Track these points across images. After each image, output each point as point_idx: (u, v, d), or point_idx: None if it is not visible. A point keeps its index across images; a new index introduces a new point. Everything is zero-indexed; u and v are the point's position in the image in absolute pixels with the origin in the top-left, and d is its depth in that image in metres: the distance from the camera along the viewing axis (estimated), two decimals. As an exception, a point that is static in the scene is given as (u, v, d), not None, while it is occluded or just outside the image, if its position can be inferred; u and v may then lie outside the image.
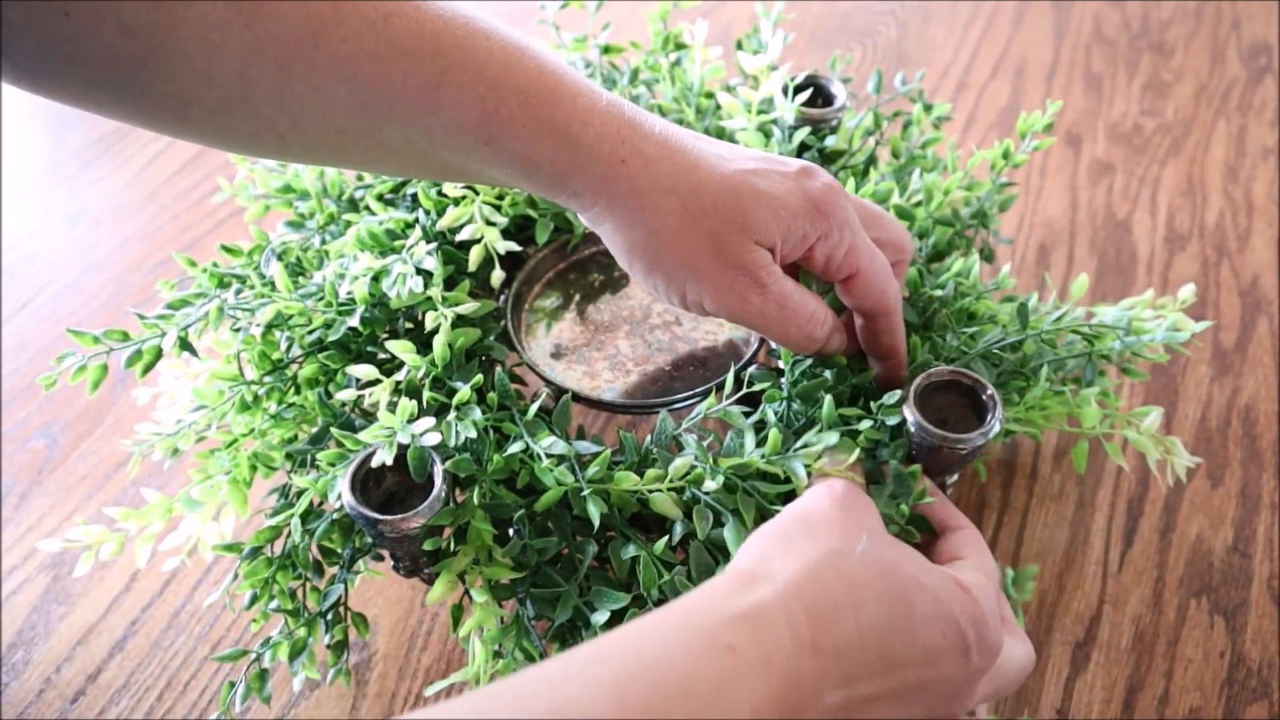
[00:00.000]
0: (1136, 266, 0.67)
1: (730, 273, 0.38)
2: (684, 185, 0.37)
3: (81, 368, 0.44)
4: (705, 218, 0.37)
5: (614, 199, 0.38)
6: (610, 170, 0.37)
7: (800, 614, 0.29)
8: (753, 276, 0.38)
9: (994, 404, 0.41)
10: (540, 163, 0.37)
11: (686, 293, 0.39)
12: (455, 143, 0.36)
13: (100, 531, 0.42)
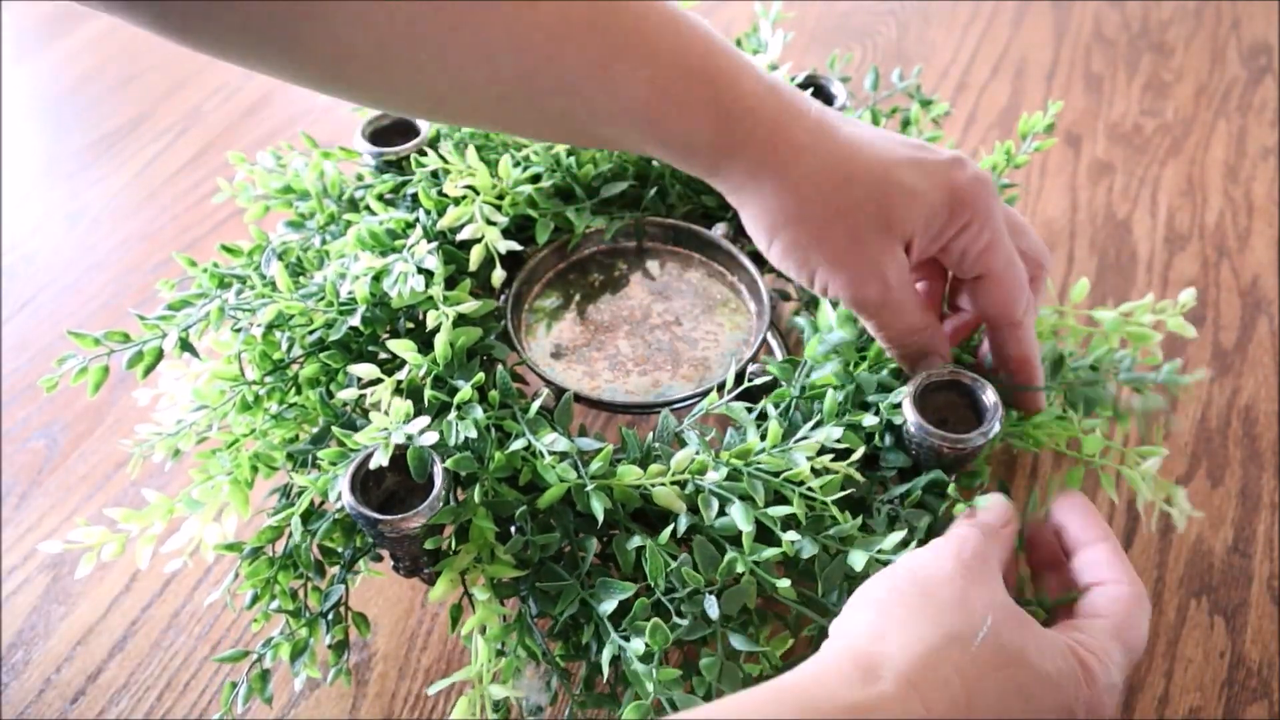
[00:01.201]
0: (1136, 267, 0.67)
1: (866, 266, 0.38)
2: (833, 178, 0.37)
3: (82, 369, 0.44)
4: (850, 212, 0.37)
5: (762, 183, 0.38)
6: (763, 156, 0.37)
7: (918, 709, 0.29)
8: (883, 274, 0.38)
9: (994, 404, 0.41)
10: (699, 145, 0.37)
11: (815, 276, 0.39)
12: (619, 120, 0.36)
13: (101, 533, 0.42)
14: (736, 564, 0.37)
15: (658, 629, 0.36)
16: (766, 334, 0.50)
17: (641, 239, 0.55)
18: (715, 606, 0.37)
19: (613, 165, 0.54)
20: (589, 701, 0.40)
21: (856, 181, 0.37)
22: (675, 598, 0.38)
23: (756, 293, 0.52)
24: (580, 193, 0.53)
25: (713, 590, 0.38)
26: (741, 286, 0.54)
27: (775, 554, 0.38)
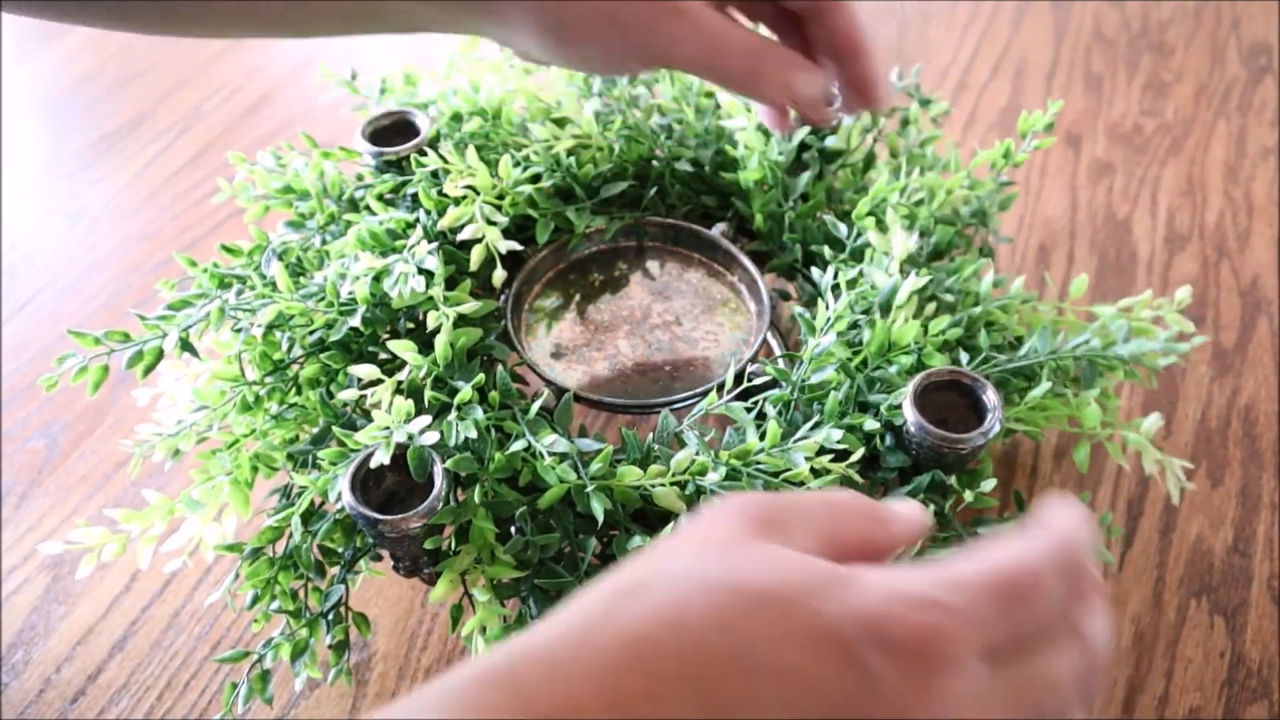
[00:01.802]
0: (1136, 266, 0.67)
1: (646, 11, 0.38)
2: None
3: (82, 369, 0.44)
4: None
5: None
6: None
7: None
8: (669, 7, 0.38)
9: (994, 404, 0.41)
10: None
11: (611, 51, 0.38)
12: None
13: (101, 533, 0.42)
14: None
15: None
16: (766, 334, 0.50)
17: (641, 239, 0.55)
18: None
19: (613, 165, 0.54)
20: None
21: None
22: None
23: (756, 293, 0.52)
24: (580, 193, 0.53)
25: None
26: (741, 286, 0.54)
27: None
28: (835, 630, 0.23)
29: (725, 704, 0.22)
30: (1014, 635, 0.24)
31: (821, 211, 0.54)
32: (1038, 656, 0.25)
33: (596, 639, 0.23)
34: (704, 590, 0.24)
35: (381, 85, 0.59)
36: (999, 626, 0.24)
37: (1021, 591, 0.24)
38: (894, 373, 0.44)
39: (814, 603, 0.23)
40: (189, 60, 0.88)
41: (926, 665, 0.23)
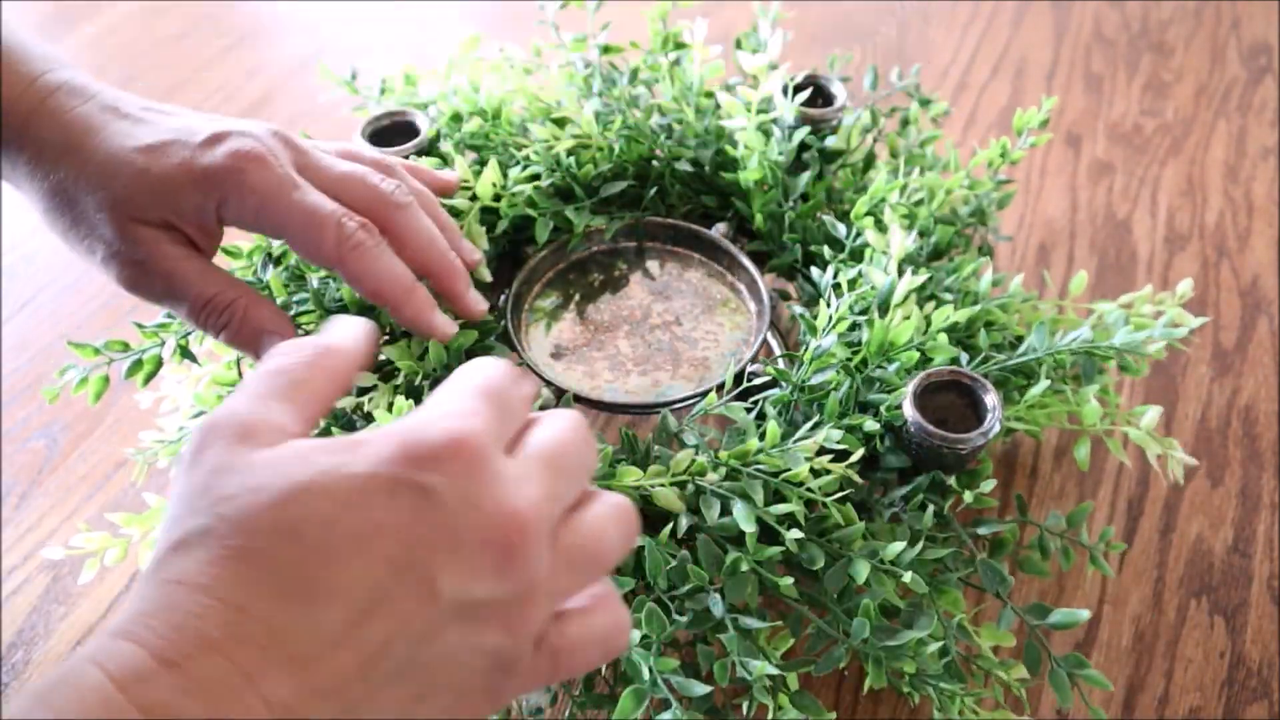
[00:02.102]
0: (1136, 266, 0.67)
1: (104, 248, 0.41)
2: (73, 166, 0.40)
3: (83, 380, 0.44)
4: (85, 197, 0.40)
5: (14, 167, 0.41)
6: (19, 120, 0.40)
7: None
8: (129, 255, 0.40)
9: (994, 404, 0.41)
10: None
11: (93, 262, 0.42)
12: None
13: (103, 538, 0.42)
14: (740, 563, 0.37)
15: (654, 616, 0.36)
16: (766, 334, 0.50)
17: (641, 239, 0.55)
18: (719, 604, 0.37)
19: (613, 165, 0.54)
20: (588, 702, 0.40)
21: (87, 174, 0.40)
22: (676, 595, 0.38)
23: (756, 293, 0.52)
24: (580, 193, 0.53)
25: (716, 589, 0.38)
26: (741, 286, 0.54)
27: (776, 552, 0.38)
28: (376, 476, 0.24)
29: (330, 588, 0.23)
30: (506, 424, 0.27)
31: (821, 211, 0.54)
32: (541, 434, 0.28)
33: (168, 599, 0.23)
34: (244, 516, 0.24)
35: (381, 85, 0.59)
36: (499, 419, 0.27)
37: (496, 389, 0.28)
38: (893, 372, 0.44)
39: (345, 469, 0.24)
40: (189, 61, 0.88)
41: (466, 458, 0.25)
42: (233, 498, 0.24)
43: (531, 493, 0.26)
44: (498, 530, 0.25)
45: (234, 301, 0.41)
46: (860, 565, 0.38)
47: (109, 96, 0.41)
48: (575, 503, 0.28)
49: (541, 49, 0.60)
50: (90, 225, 0.40)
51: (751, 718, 0.37)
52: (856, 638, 0.37)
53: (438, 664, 0.25)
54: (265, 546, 0.24)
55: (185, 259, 0.41)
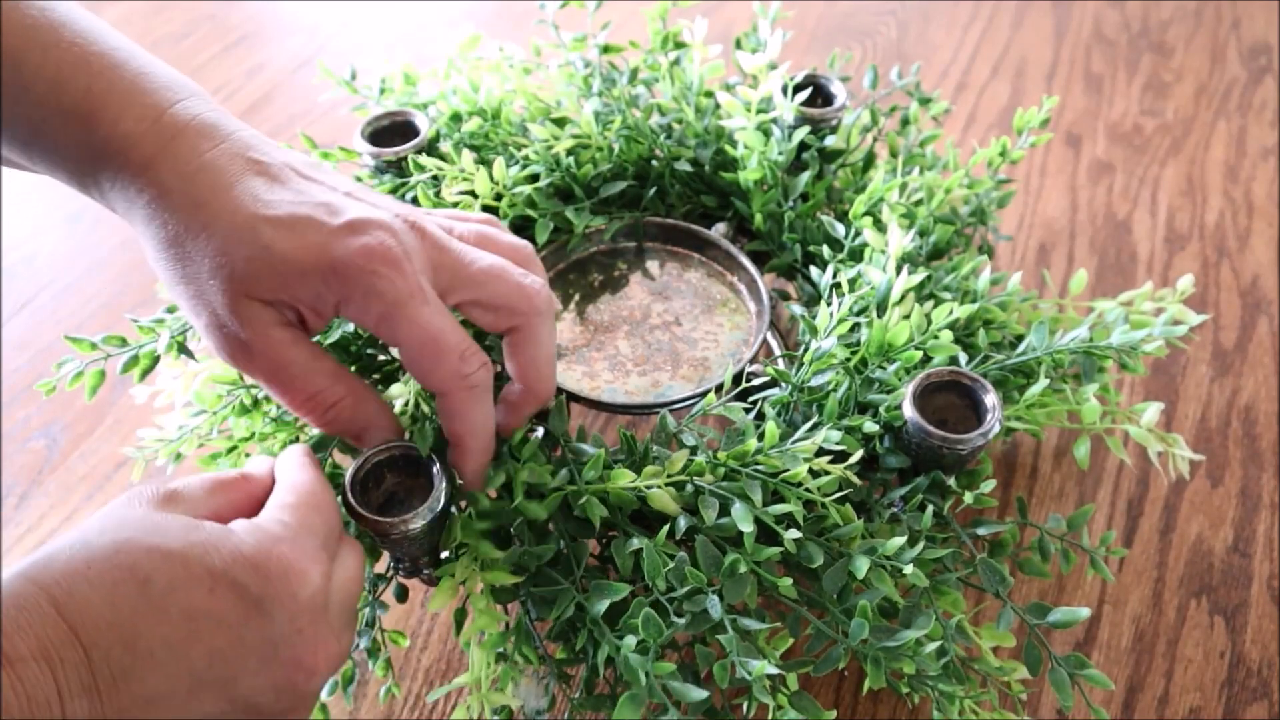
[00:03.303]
0: (1136, 266, 0.67)
1: (213, 320, 0.37)
2: (190, 226, 0.36)
3: (78, 375, 0.44)
4: (194, 260, 0.36)
5: (135, 218, 0.37)
6: (133, 193, 0.37)
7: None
8: (233, 333, 0.36)
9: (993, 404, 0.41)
10: (73, 172, 0.37)
11: (196, 323, 0.38)
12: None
13: None
14: (739, 564, 0.37)
15: (650, 620, 0.36)
16: (766, 334, 0.50)
17: (641, 239, 0.55)
18: (718, 605, 0.37)
19: (612, 165, 0.54)
20: (587, 705, 0.40)
21: (210, 234, 0.36)
22: (674, 597, 0.38)
23: (756, 293, 0.52)
24: (579, 193, 0.53)
25: (715, 590, 0.37)
26: (741, 286, 0.54)
27: (775, 553, 0.38)
28: (226, 573, 0.30)
29: (148, 645, 0.29)
30: (328, 540, 0.35)
31: (821, 211, 0.54)
32: (343, 576, 0.36)
33: (22, 598, 0.28)
34: (113, 549, 0.29)
35: (381, 85, 0.59)
36: (323, 539, 0.35)
37: (324, 504, 0.36)
38: (893, 372, 0.44)
39: (208, 556, 0.30)
40: (188, 61, 0.88)
41: (300, 588, 0.32)
42: (114, 533, 0.30)
43: (333, 648, 0.33)
44: (303, 665, 0.32)
45: (339, 401, 0.39)
46: (860, 561, 0.38)
47: (244, 140, 0.37)
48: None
49: (541, 49, 0.60)
50: (200, 287, 0.36)
51: (751, 718, 0.37)
52: (855, 638, 0.37)
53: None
54: (115, 582, 0.29)
55: (292, 346, 0.37)
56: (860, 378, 0.44)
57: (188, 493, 0.34)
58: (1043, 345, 0.45)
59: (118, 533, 0.30)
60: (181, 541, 0.30)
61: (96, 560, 0.29)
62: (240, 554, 0.31)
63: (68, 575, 0.28)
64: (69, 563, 0.29)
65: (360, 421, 0.39)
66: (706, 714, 0.38)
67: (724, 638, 0.36)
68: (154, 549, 0.30)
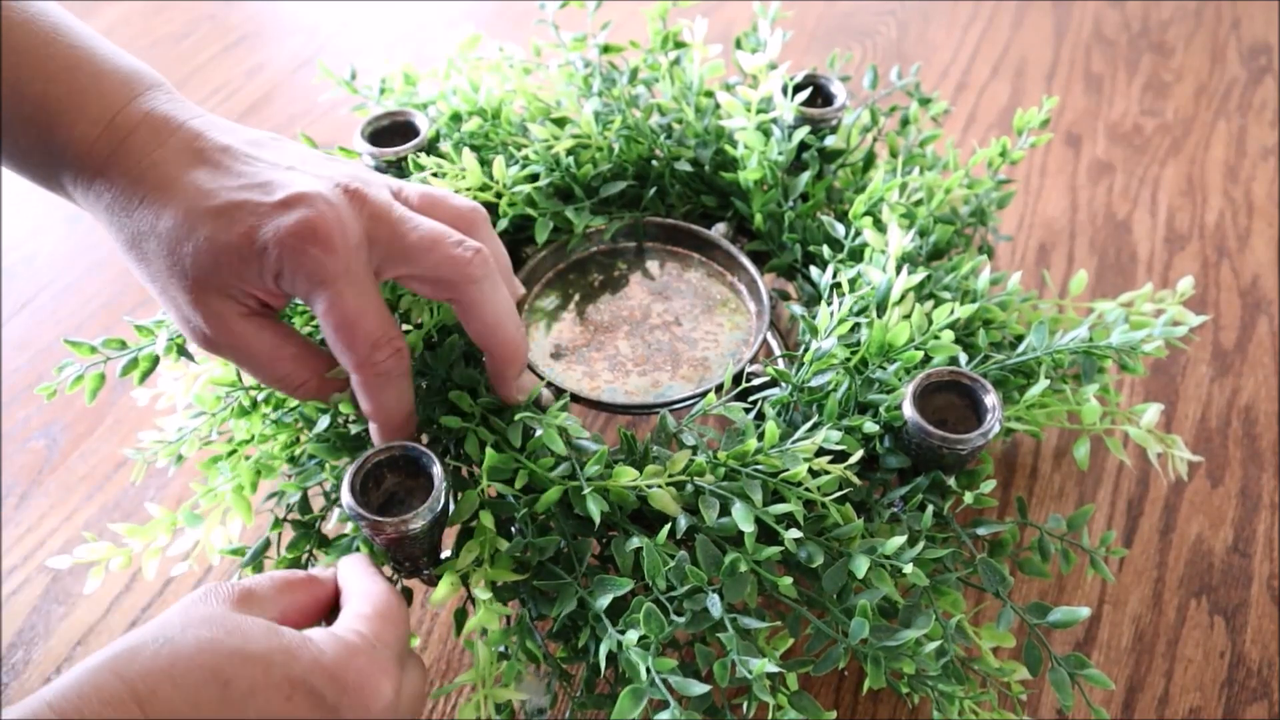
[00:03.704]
0: (1136, 266, 0.67)
1: (179, 314, 0.39)
2: (140, 225, 0.37)
3: (79, 378, 0.44)
4: (152, 261, 0.38)
5: (100, 218, 0.39)
6: (93, 198, 0.38)
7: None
8: (197, 325, 0.38)
9: (993, 404, 0.41)
10: (34, 173, 0.38)
11: (169, 318, 0.40)
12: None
13: (108, 548, 0.42)
14: (739, 563, 0.37)
15: (652, 615, 0.36)
16: (766, 334, 0.50)
17: (641, 239, 0.55)
18: (718, 604, 0.37)
19: (612, 165, 0.54)
20: (589, 703, 0.40)
21: (158, 232, 0.37)
22: (674, 596, 0.38)
23: (756, 293, 0.52)
24: (579, 192, 0.53)
25: (715, 589, 0.37)
26: (741, 286, 0.54)
27: (775, 552, 0.38)
28: (304, 680, 0.31)
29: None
30: (400, 649, 0.36)
31: (821, 211, 0.54)
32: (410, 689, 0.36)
33: (107, 693, 0.28)
34: (197, 649, 0.30)
35: (381, 85, 0.59)
36: (395, 650, 0.35)
37: (398, 616, 0.36)
38: (893, 372, 0.44)
39: (289, 663, 0.31)
40: (188, 60, 0.88)
41: (369, 699, 0.33)
42: (199, 629, 0.31)
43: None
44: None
45: (304, 384, 0.41)
46: (860, 561, 0.38)
47: (192, 130, 0.38)
48: None
49: (541, 48, 0.60)
50: (163, 285, 0.38)
51: (751, 717, 0.37)
52: (855, 637, 0.37)
53: None
54: (198, 683, 0.29)
55: (255, 337, 0.39)
56: (860, 378, 0.44)
57: (261, 592, 0.35)
58: (1043, 345, 0.45)
59: (200, 631, 0.31)
60: (263, 646, 0.31)
61: (180, 659, 0.30)
62: (319, 663, 0.32)
63: (152, 672, 0.29)
64: (153, 659, 0.30)
65: (326, 395, 0.42)
66: (707, 712, 0.38)
67: (724, 636, 0.36)
68: (236, 652, 0.31)
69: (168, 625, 0.31)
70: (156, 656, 0.30)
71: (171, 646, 0.30)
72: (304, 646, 0.32)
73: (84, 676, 0.29)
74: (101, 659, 0.29)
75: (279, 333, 0.40)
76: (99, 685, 0.28)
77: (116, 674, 0.29)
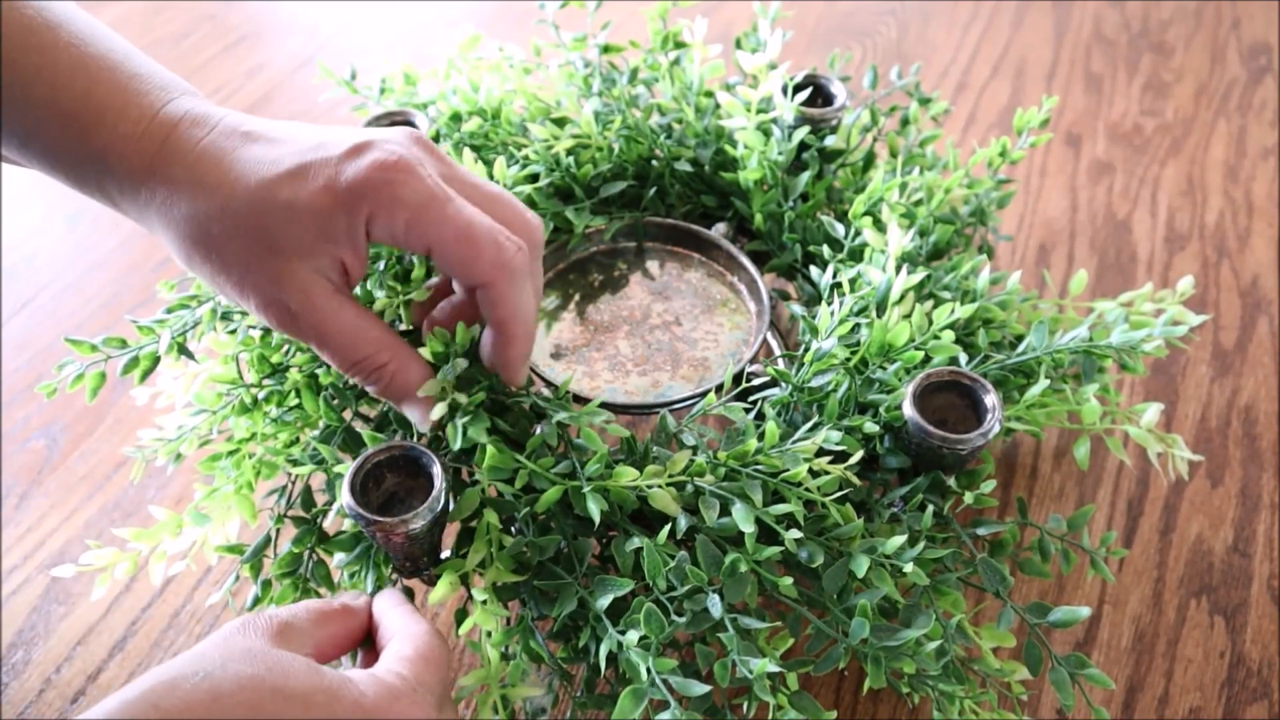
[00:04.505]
0: (1136, 266, 0.67)
1: (258, 294, 0.37)
2: (210, 211, 0.36)
3: (79, 376, 0.44)
4: (229, 242, 0.36)
5: (151, 220, 0.37)
6: (146, 197, 0.37)
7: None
8: (280, 300, 0.37)
9: (993, 404, 0.41)
10: (78, 179, 0.37)
11: (236, 303, 0.38)
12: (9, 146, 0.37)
13: (113, 554, 0.42)
14: (740, 564, 0.37)
15: (652, 615, 0.36)
16: (766, 334, 0.50)
17: (641, 239, 0.55)
18: (719, 604, 0.37)
19: (612, 165, 0.54)
20: (589, 703, 0.40)
21: (230, 212, 0.36)
22: (674, 596, 0.38)
23: (756, 293, 0.52)
24: (579, 192, 0.53)
25: (715, 589, 0.37)
26: (741, 286, 0.54)
27: (775, 552, 0.38)
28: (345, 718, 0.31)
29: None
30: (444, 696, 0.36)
31: (821, 211, 0.54)
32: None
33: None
34: (238, 686, 0.30)
35: (381, 85, 0.59)
36: (439, 695, 0.35)
37: (441, 661, 0.36)
38: (893, 373, 0.44)
39: (331, 704, 0.31)
40: (188, 61, 0.88)
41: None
42: (240, 665, 0.31)
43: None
44: None
45: (383, 366, 0.39)
46: (860, 561, 0.38)
47: (232, 121, 0.38)
48: None
49: (541, 48, 0.60)
50: (242, 271, 0.36)
51: (752, 717, 0.37)
52: (855, 637, 0.37)
53: None
54: (238, 717, 0.29)
55: (338, 314, 0.38)
56: (860, 378, 0.44)
57: (298, 625, 0.35)
58: (1043, 345, 0.45)
59: (241, 666, 0.31)
60: (304, 685, 0.31)
61: (222, 695, 0.30)
62: (360, 705, 0.31)
63: (192, 706, 0.29)
64: (193, 692, 0.29)
65: (402, 386, 0.40)
66: (707, 713, 0.38)
67: (724, 637, 0.36)
68: (278, 690, 0.30)
69: (206, 659, 0.31)
70: (196, 690, 0.29)
71: (211, 681, 0.30)
72: (345, 687, 0.32)
73: (121, 706, 0.28)
74: (138, 691, 0.29)
75: (363, 314, 0.39)
76: (137, 717, 0.28)
77: (155, 706, 0.29)
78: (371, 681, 0.33)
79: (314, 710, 0.30)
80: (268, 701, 0.30)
